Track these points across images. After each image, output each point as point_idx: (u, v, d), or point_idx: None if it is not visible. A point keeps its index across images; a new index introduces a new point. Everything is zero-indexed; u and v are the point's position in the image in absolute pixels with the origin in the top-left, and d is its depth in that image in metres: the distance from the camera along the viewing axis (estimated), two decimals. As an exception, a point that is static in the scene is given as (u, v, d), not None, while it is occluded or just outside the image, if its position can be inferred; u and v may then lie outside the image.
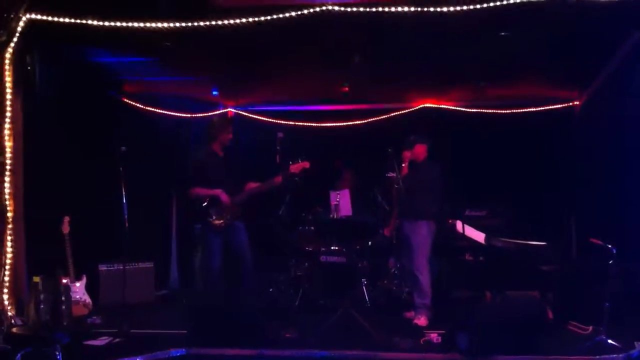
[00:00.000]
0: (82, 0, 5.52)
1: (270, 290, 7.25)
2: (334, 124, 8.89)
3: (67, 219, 6.04)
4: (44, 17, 5.51)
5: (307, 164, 6.06)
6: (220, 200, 6.06)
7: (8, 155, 5.55)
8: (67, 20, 5.52)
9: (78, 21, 5.52)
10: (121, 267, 6.64)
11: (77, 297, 6.09)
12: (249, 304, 5.54)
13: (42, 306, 5.42)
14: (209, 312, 5.38)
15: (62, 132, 6.37)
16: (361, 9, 5.34)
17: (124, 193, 5.96)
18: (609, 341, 5.12)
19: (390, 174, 6.36)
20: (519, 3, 5.18)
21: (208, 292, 6.22)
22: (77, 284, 6.14)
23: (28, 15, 5.49)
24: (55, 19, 5.51)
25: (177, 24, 5.53)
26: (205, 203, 6.07)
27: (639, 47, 6.10)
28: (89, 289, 6.29)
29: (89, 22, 5.52)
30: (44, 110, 6.04)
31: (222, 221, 6.06)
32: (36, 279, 5.51)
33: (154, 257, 7.52)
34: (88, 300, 6.20)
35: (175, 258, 8.36)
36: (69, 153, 6.47)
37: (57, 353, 4.59)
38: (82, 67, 6.52)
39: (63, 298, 5.64)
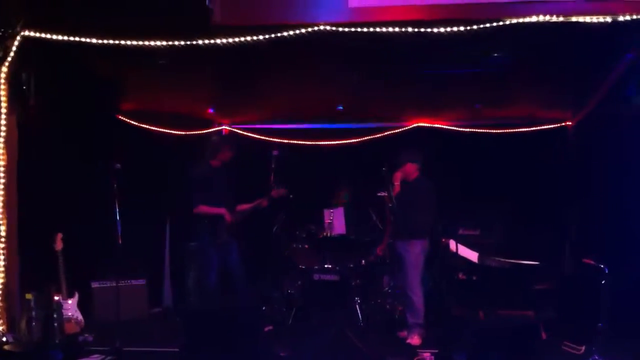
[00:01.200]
0: (79, 18, 5.52)
1: (264, 308, 7.22)
2: (329, 142, 8.91)
3: (59, 235, 6.01)
4: (41, 35, 5.51)
5: (284, 191, 6.46)
6: (222, 219, 6.12)
7: (1, 172, 5.54)
8: (64, 38, 5.52)
9: (75, 39, 5.53)
10: (114, 284, 6.62)
11: (70, 314, 6.04)
12: (242, 321, 5.52)
13: (34, 323, 5.39)
14: (202, 329, 5.36)
15: (56, 149, 6.37)
16: (357, 29, 5.37)
17: (117, 210, 5.96)
18: (602, 361, 5.13)
19: (382, 193, 6.38)
20: (512, 24, 5.22)
21: (202, 308, 6.22)
22: (70, 301, 6.09)
23: (24, 33, 5.49)
24: (52, 36, 5.51)
25: (176, 42, 5.55)
26: (207, 221, 6.18)
27: (631, 69, 6.16)
28: (81, 306, 6.26)
29: (86, 40, 5.52)
30: (38, 127, 6.03)
31: (222, 239, 6.20)
32: (28, 295, 5.48)
33: (147, 275, 7.48)
34: (80, 317, 6.15)
35: (168, 275, 8.32)
36: (63, 170, 6.46)
37: (49, 371, 4.57)
38: (78, 84, 6.52)
39: (55, 315, 5.61)
